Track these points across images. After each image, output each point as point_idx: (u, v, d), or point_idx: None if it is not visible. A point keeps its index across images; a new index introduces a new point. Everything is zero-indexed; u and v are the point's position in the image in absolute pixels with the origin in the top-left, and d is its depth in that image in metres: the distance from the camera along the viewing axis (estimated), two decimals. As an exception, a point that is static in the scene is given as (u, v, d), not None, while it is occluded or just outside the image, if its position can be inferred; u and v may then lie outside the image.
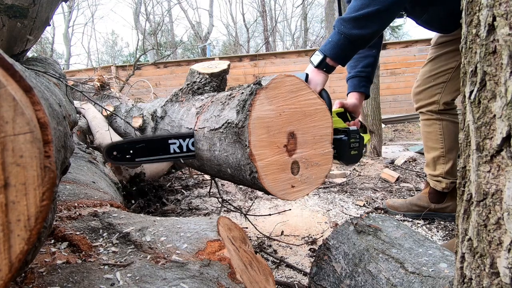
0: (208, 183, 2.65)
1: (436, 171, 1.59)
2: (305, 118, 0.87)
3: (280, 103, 0.84)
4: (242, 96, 0.85)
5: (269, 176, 0.81)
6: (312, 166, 0.89)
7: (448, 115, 1.54)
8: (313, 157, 0.89)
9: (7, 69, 0.31)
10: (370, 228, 0.80)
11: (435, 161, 1.59)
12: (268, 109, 0.81)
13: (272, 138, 0.81)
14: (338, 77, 8.26)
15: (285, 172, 0.84)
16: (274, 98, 0.82)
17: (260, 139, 0.79)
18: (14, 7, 0.92)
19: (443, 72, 1.49)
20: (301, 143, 0.87)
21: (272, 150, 0.81)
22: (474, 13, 0.36)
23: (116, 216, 0.74)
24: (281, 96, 0.84)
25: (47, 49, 13.66)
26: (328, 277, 0.77)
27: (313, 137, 0.89)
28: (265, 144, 0.80)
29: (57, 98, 0.69)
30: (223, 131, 0.87)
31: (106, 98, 2.53)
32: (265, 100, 0.81)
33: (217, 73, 1.21)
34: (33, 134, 0.31)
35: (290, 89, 0.85)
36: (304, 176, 0.87)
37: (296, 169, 0.86)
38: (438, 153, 1.57)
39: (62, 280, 0.48)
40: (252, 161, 0.78)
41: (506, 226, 0.32)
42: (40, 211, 0.31)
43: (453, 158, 1.54)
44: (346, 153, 1.16)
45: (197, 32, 15.48)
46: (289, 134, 0.85)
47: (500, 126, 0.32)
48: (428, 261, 0.64)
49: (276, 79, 0.83)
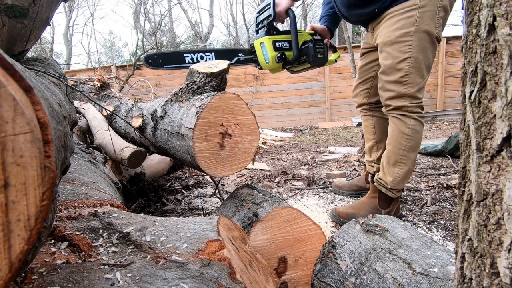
0: (208, 183, 2.65)
1: (370, 158, 1.92)
2: (298, 243, 0.92)
3: (274, 233, 0.88)
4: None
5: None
6: (302, 286, 0.92)
7: (378, 112, 1.84)
8: (303, 278, 0.92)
9: (7, 69, 0.31)
10: (377, 227, 0.80)
11: (370, 149, 1.92)
12: (262, 238, 0.86)
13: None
14: (338, 77, 8.26)
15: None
16: (268, 229, 0.88)
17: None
18: (14, 7, 0.92)
19: (366, 80, 1.84)
20: (292, 266, 0.91)
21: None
22: (474, 13, 0.36)
23: (116, 216, 0.74)
24: (276, 226, 0.89)
25: (47, 49, 13.65)
26: (332, 274, 0.77)
27: (305, 259, 0.93)
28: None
29: (57, 98, 0.69)
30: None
31: (106, 98, 2.53)
32: (260, 231, 0.86)
33: (217, 73, 1.21)
34: (33, 134, 0.31)
35: (286, 219, 0.92)
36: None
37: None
38: (372, 143, 1.90)
39: (62, 280, 0.48)
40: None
41: (506, 226, 0.32)
42: (40, 211, 0.31)
43: (383, 147, 1.83)
44: (313, 56, 1.54)
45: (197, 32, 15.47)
46: (280, 259, 0.90)
47: (500, 126, 0.32)
48: (436, 263, 0.64)
49: (273, 212, 0.89)
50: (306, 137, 5.84)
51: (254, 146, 1.17)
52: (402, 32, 1.42)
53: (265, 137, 5.59)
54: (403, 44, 1.43)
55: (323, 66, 1.65)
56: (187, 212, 1.92)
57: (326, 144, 4.69)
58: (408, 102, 1.47)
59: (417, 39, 1.41)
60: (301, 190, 2.27)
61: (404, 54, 1.43)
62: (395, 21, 1.44)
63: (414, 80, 1.45)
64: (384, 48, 1.49)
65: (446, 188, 2.11)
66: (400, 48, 1.44)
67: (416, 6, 1.39)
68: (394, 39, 1.44)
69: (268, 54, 1.53)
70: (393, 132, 1.54)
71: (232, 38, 16.80)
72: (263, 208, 0.96)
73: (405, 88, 1.46)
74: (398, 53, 1.44)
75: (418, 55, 1.43)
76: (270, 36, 1.53)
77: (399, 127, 1.51)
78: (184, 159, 1.23)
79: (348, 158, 3.24)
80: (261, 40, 1.54)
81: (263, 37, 1.54)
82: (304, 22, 16.14)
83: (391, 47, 1.46)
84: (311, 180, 2.48)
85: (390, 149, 1.56)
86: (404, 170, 1.54)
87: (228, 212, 1.10)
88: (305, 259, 0.92)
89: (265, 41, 1.53)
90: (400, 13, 1.42)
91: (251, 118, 1.16)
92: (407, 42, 1.42)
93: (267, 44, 1.52)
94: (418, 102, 1.49)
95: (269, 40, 1.52)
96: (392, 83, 1.48)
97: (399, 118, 1.51)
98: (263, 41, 1.54)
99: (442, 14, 1.42)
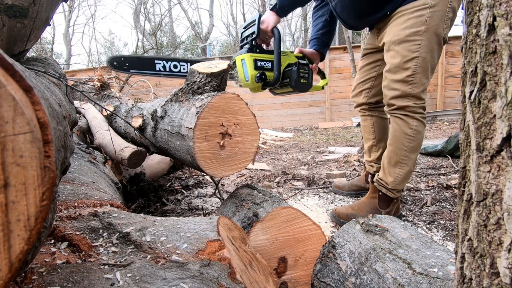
0: (208, 183, 2.65)
1: (370, 158, 1.93)
2: (298, 243, 0.92)
3: (274, 233, 0.88)
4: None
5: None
6: (301, 286, 0.92)
7: (377, 112, 1.86)
8: (303, 278, 0.92)
9: (7, 69, 0.31)
10: (377, 228, 0.80)
11: (369, 149, 1.93)
12: (262, 238, 0.85)
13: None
14: (338, 77, 8.26)
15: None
16: (268, 229, 0.88)
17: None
18: (14, 7, 0.92)
19: (367, 80, 1.83)
20: (292, 266, 0.91)
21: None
22: (474, 13, 0.36)
23: (116, 216, 0.74)
24: (276, 226, 0.88)
25: (47, 49, 13.65)
26: (332, 274, 0.77)
27: (305, 259, 0.93)
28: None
29: (57, 98, 0.69)
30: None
31: (106, 98, 2.53)
32: (260, 231, 0.86)
33: (217, 73, 1.21)
34: (33, 134, 0.31)
35: (285, 219, 0.92)
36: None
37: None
38: (371, 143, 1.91)
39: (62, 280, 0.48)
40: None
41: (506, 226, 0.32)
42: (40, 211, 0.31)
43: (382, 147, 1.85)
44: (295, 80, 1.49)
45: (197, 32, 15.47)
46: (280, 259, 0.89)
47: (500, 126, 0.32)
48: (436, 263, 0.64)
49: (273, 212, 0.89)
50: (306, 137, 5.84)
51: (254, 146, 1.17)
52: (411, 31, 1.41)
53: (265, 137, 5.59)
54: (412, 43, 1.42)
55: (305, 92, 1.58)
56: (187, 212, 1.92)
57: (326, 144, 4.69)
58: (412, 102, 1.47)
59: (426, 39, 1.40)
60: (301, 190, 2.27)
61: (412, 53, 1.42)
62: (405, 20, 1.43)
63: (420, 80, 1.44)
64: (392, 47, 1.48)
65: (446, 188, 2.11)
66: (408, 47, 1.43)
67: (427, 5, 1.38)
68: (403, 37, 1.43)
69: (248, 72, 1.45)
70: (395, 133, 1.53)
71: (232, 38, 16.80)
72: (263, 208, 0.96)
73: (410, 87, 1.45)
74: (406, 52, 1.43)
75: (426, 55, 1.42)
76: (252, 53, 1.45)
77: (401, 127, 1.51)
78: (184, 159, 1.23)
79: (348, 158, 3.24)
80: (242, 56, 1.47)
81: (244, 54, 1.46)
82: (304, 22, 16.14)
83: (400, 46, 1.45)
84: (311, 180, 2.48)
85: (391, 150, 1.55)
86: (405, 171, 1.54)
87: (228, 212, 1.10)
88: (305, 259, 0.92)
89: (246, 58, 1.45)
90: (410, 12, 1.42)
91: (251, 118, 1.16)
92: (416, 41, 1.41)
93: (248, 61, 1.45)
94: (422, 103, 1.48)
95: (250, 57, 1.45)
96: (398, 82, 1.47)
97: (401, 119, 1.50)
98: (244, 58, 1.46)
99: (450, 15, 1.42)
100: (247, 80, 1.47)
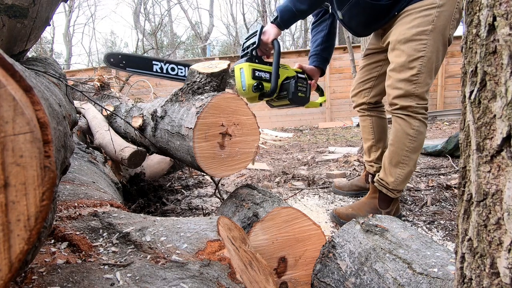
0: (208, 183, 2.65)
1: (370, 158, 1.93)
2: (298, 243, 0.92)
3: (274, 233, 0.88)
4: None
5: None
6: (301, 286, 0.92)
7: (376, 112, 1.87)
8: (303, 278, 0.92)
9: (7, 69, 0.31)
10: (377, 228, 0.80)
11: (369, 150, 1.93)
12: (262, 238, 0.86)
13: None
14: (338, 77, 8.26)
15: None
16: (268, 229, 0.87)
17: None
18: (14, 7, 0.92)
19: (368, 80, 1.83)
20: (292, 266, 0.91)
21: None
22: (474, 13, 0.36)
23: (116, 216, 0.74)
24: (276, 226, 0.88)
25: (47, 49, 13.65)
26: (332, 274, 0.77)
27: (305, 259, 0.93)
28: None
29: (57, 98, 0.69)
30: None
31: (106, 98, 2.53)
32: (260, 231, 0.86)
33: (217, 73, 1.21)
34: (33, 134, 0.31)
35: (285, 219, 0.91)
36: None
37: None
38: (370, 143, 1.91)
39: (62, 280, 0.48)
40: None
41: (506, 226, 0.32)
42: (40, 211, 0.31)
43: (382, 147, 1.87)
44: (293, 93, 1.48)
45: (197, 32, 15.47)
46: (280, 259, 0.89)
47: (500, 126, 0.32)
48: (436, 263, 0.64)
49: (273, 212, 0.89)
50: (306, 137, 5.84)
51: (254, 146, 1.17)
52: (418, 30, 1.40)
53: (265, 137, 5.59)
54: (418, 43, 1.41)
55: (303, 106, 1.57)
56: (187, 212, 1.92)
57: (326, 144, 4.69)
58: (414, 102, 1.46)
59: (432, 38, 1.40)
60: (301, 190, 2.27)
61: (418, 53, 1.42)
62: (412, 19, 1.42)
63: (424, 80, 1.44)
64: (398, 46, 1.47)
65: (446, 188, 2.11)
66: (415, 46, 1.42)
67: (435, 5, 1.38)
68: (410, 36, 1.42)
69: (245, 81, 1.45)
70: (396, 133, 1.53)
71: (232, 38, 16.80)
72: (263, 208, 0.96)
73: (414, 87, 1.44)
74: (412, 51, 1.42)
75: (432, 55, 1.41)
76: (251, 63, 1.46)
77: (403, 127, 1.50)
78: (184, 159, 1.23)
79: (348, 158, 3.24)
80: (241, 65, 1.47)
81: (243, 63, 1.46)
82: (304, 22, 16.12)
83: (406, 45, 1.44)
84: (311, 180, 2.48)
85: (393, 150, 1.55)
86: (405, 171, 1.53)
87: (228, 212, 1.10)
88: (305, 259, 0.92)
89: (245, 68, 1.45)
90: (417, 11, 1.41)
91: (251, 118, 1.16)
92: (423, 40, 1.41)
93: (246, 71, 1.45)
94: (424, 103, 1.47)
95: (249, 67, 1.45)
96: (402, 81, 1.46)
97: (403, 119, 1.50)
98: (243, 67, 1.46)
99: (457, 16, 1.41)
100: (244, 89, 1.47)
